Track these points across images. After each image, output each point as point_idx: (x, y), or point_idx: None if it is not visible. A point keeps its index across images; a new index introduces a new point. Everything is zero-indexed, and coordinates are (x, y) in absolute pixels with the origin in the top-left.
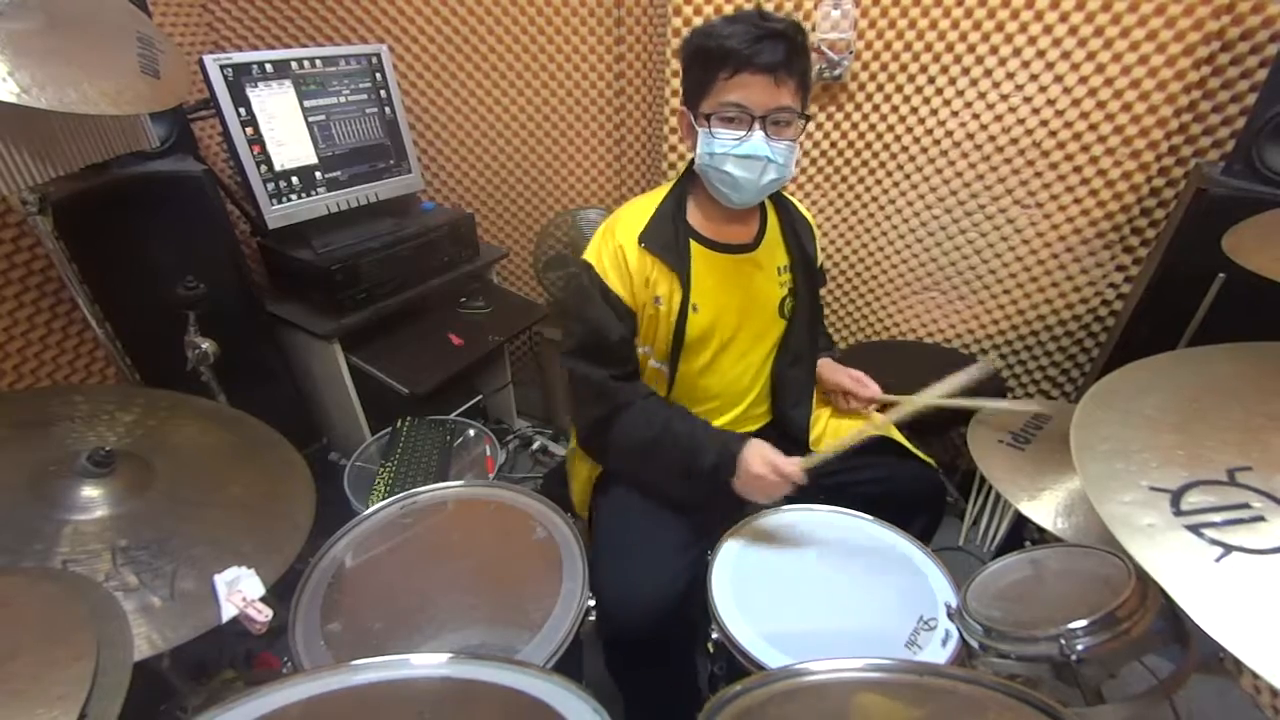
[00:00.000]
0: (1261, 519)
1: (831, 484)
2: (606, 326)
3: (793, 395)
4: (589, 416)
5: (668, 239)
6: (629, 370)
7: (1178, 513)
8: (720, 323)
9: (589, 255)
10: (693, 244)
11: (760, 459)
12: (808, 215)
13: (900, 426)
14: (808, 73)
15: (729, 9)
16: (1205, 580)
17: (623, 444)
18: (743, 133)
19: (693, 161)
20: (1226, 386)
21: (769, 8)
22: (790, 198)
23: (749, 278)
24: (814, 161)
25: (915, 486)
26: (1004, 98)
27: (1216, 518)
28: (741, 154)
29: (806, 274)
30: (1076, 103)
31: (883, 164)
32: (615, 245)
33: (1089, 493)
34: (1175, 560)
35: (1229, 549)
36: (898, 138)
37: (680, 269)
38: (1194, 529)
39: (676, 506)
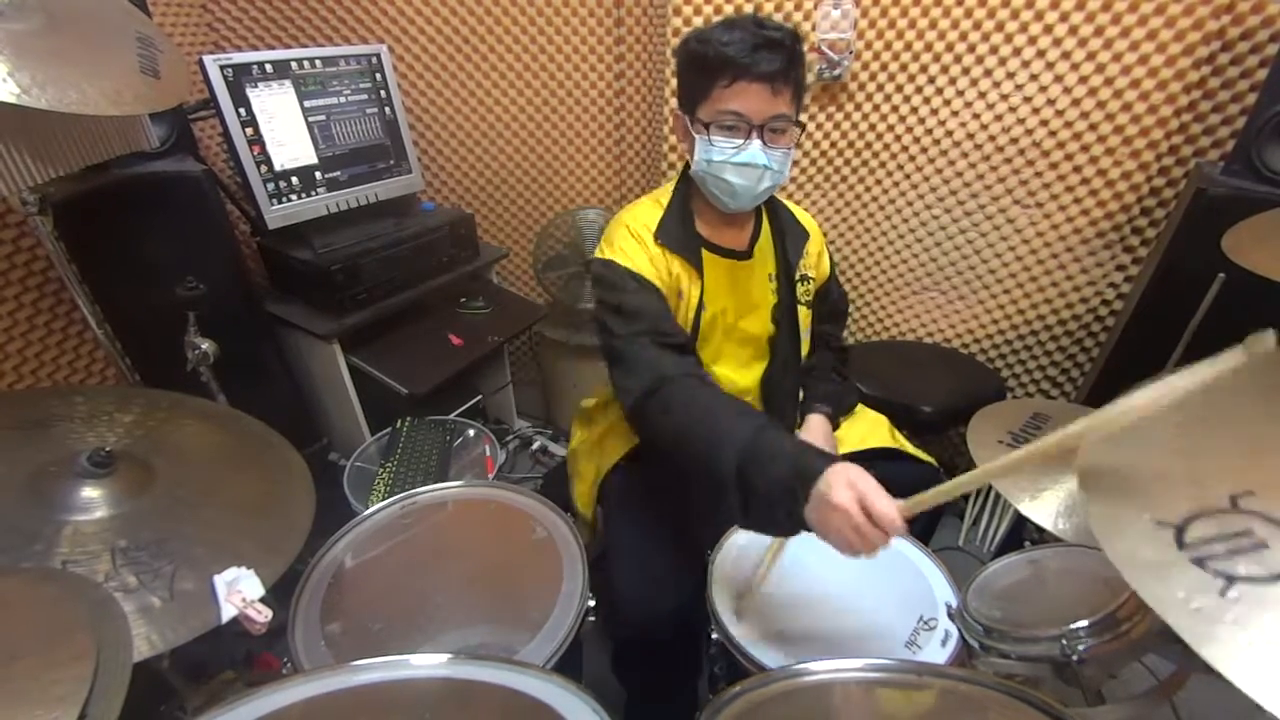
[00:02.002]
0: (1265, 546)
1: None
2: (646, 303)
3: (780, 402)
4: (640, 387)
5: (681, 239)
6: (677, 340)
7: (1182, 546)
8: (720, 324)
9: (609, 253)
10: (701, 247)
11: (847, 484)
12: (806, 223)
13: (899, 426)
14: (803, 80)
15: (729, 9)
16: (1210, 614)
17: (679, 427)
18: (740, 141)
19: (688, 165)
20: (1227, 402)
21: (769, 8)
22: (790, 205)
23: (745, 282)
24: (814, 161)
25: (918, 486)
26: (1004, 98)
27: (1220, 548)
28: (740, 162)
29: (788, 282)
30: (1076, 103)
31: (883, 164)
32: (635, 238)
33: (1097, 534)
34: (1180, 595)
35: (1233, 580)
36: (898, 138)
37: (698, 266)
38: (1198, 562)
39: (688, 499)
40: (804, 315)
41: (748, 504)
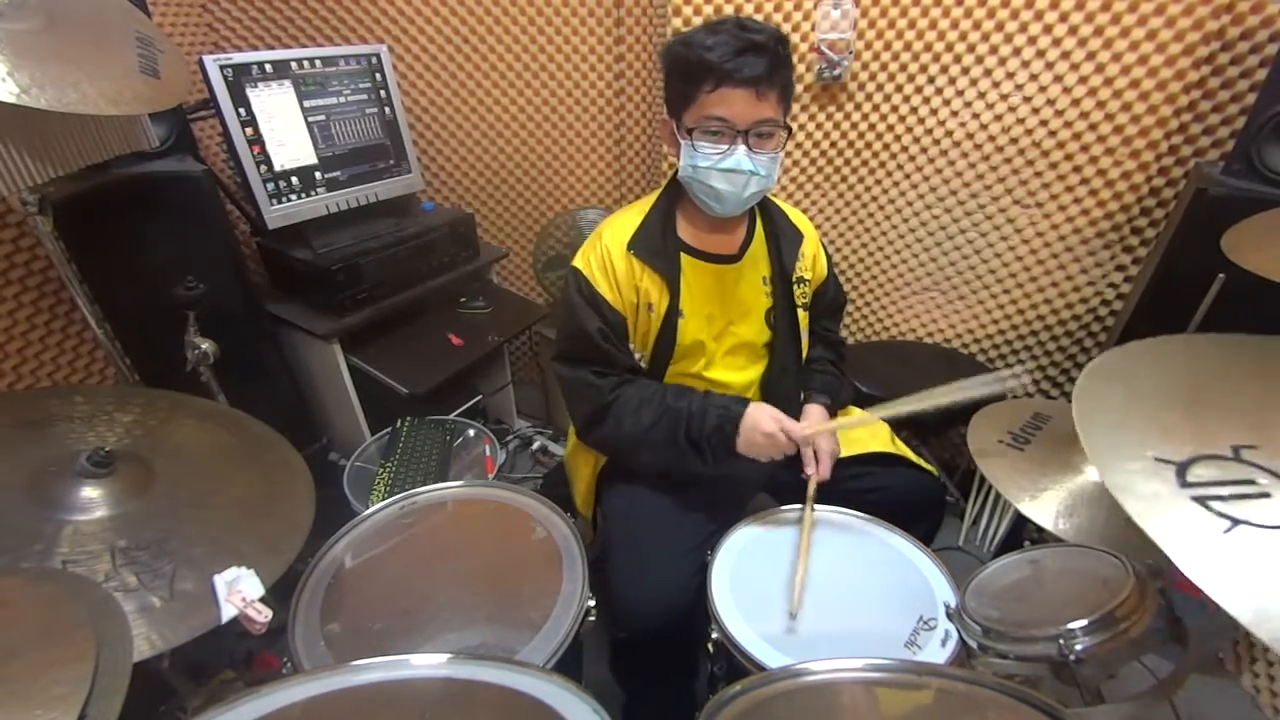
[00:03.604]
0: (1267, 495)
1: (835, 491)
2: (591, 329)
3: (780, 403)
4: (580, 414)
5: (656, 246)
6: (615, 371)
7: (1184, 484)
8: (707, 331)
9: (577, 261)
10: (681, 253)
11: (770, 418)
12: (801, 224)
13: (900, 427)
14: (790, 83)
15: (729, 9)
16: (1214, 552)
17: (625, 434)
18: (726, 146)
19: (677, 170)
20: (1223, 373)
21: (769, 8)
22: (783, 205)
23: (734, 287)
24: (814, 161)
25: (917, 494)
26: (1004, 98)
27: (1223, 491)
28: (725, 168)
29: (784, 285)
30: (1076, 103)
31: (883, 164)
32: (603, 251)
33: (1092, 460)
34: (1183, 531)
35: (1237, 522)
36: (898, 138)
37: (669, 276)
38: (1200, 500)
39: (685, 501)
40: (802, 318)
41: (702, 457)
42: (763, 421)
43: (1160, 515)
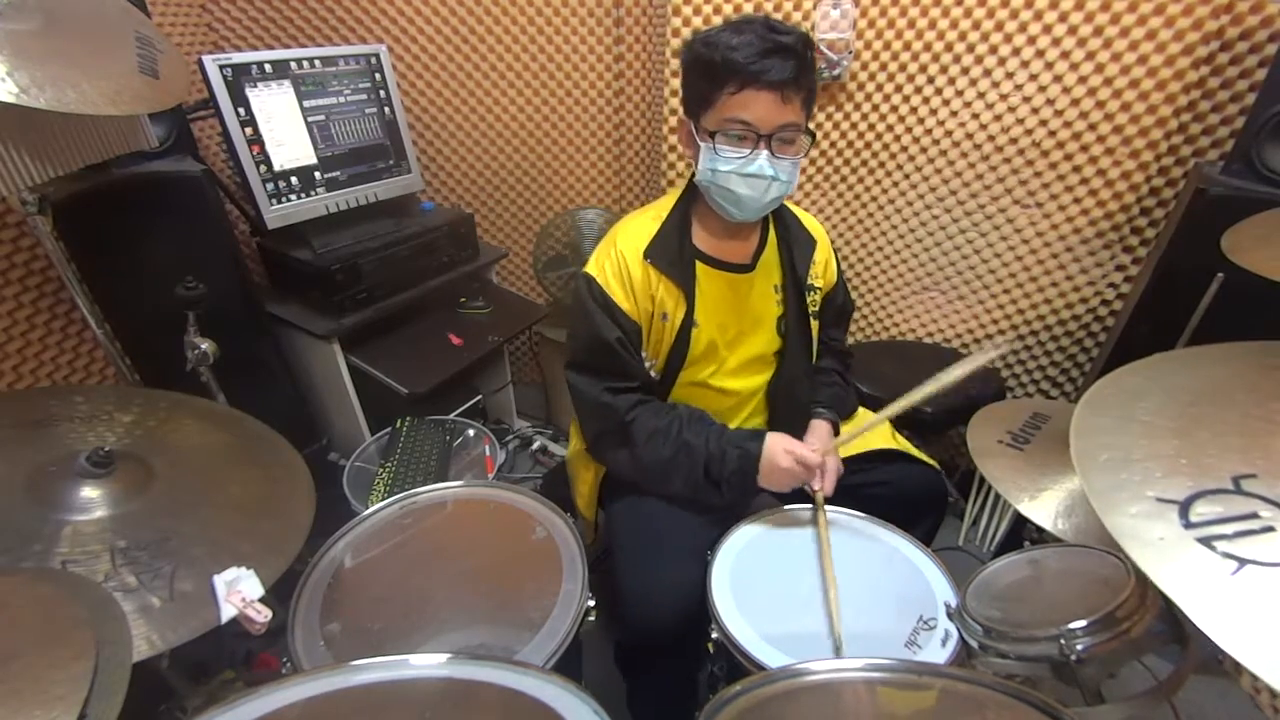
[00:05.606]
0: (1271, 529)
1: (838, 488)
2: (610, 338)
3: (788, 412)
4: (591, 431)
5: (673, 255)
6: (629, 385)
7: (1188, 525)
8: (719, 339)
9: (591, 268)
10: (696, 261)
11: (784, 452)
12: (814, 230)
13: (900, 426)
14: (814, 87)
15: (728, 9)
16: (1221, 597)
17: (639, 464)
18: (748, 151)
19: (694, 174)
20: (1221, 389)
21: (768, 8)
22: (798, 211)
23: (746, 295)
24: (814, 162)
25: (920, 490)
26: (1004, 98)
27: (1227, 529)
28: (746, 173)
29: (796, 293)
30: (1076, 103)
31: (882, 164)
32: (619, 258)
33: (1095, 505)
34: (1190, 576)
35: (1243, 563)
36: (897, 138)
37: (685, 285)
38: (1205, 541)
39: (690, 502)
40: (813, 326)
41: (721, 494)
42: (779, 457)
43: (1168, 562)
